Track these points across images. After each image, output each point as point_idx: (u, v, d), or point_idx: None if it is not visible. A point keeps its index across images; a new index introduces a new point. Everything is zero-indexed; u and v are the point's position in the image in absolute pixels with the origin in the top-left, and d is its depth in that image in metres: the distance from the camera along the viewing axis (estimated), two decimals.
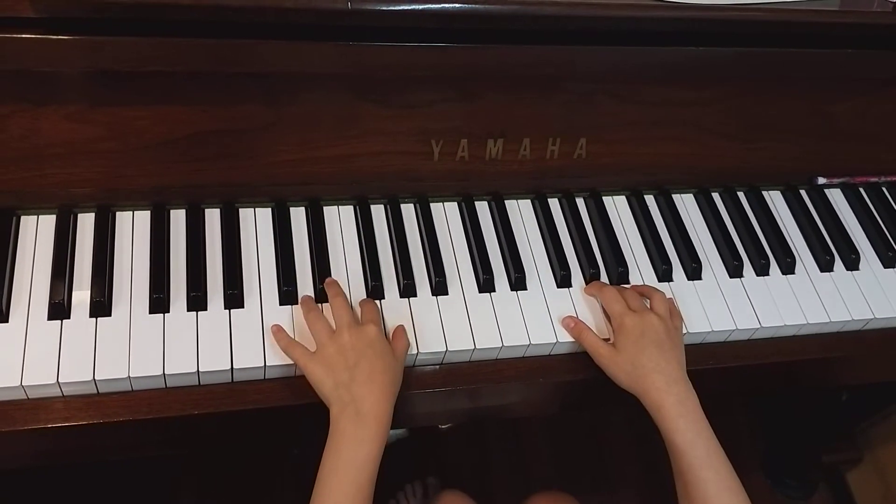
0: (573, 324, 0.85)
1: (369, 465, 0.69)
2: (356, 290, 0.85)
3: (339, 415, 0.71)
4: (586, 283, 0.90)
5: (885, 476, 1.56)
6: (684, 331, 0.87)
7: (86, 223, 0.84)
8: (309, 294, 0.83)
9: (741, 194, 1.03)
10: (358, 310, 0.81)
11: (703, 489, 0.72)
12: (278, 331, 0.78)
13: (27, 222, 0.83)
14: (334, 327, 0.77)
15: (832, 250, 0.98)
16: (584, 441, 1.67)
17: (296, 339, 0.78)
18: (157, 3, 0.69)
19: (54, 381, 0.72)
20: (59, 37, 0.70)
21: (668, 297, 0.87)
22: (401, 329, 0.81)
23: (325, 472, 0.69)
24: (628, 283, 0.91)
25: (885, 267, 0.99)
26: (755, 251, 0.96)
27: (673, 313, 0.85)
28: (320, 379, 0.73)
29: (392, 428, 0.74)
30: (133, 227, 0.85)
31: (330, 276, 0.84)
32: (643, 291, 0.87)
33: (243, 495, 1.48)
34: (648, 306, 0.84)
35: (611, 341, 0.83)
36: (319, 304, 0.82)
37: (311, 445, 0.73)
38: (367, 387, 0.72)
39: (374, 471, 0.70)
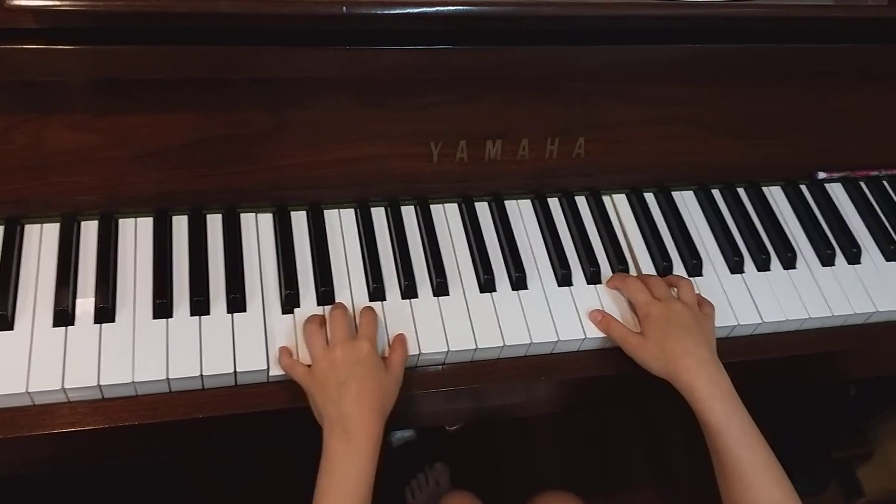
0: (601, 317, 0.85)
1: (362, 482, 0.69)
2: (358, 292, 0.85)
3: (328, 433, 0.71)
4: (587, 281, 0.90)
5: (895, 470, 1.55)
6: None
7: (89, 230, 0.85)
8: (311, 298, 0.84)
9: (741, 190, 1.03)
10: (358, 319, 0.81)
11: (740, 468, 0.72)
12: (283, 351, 0.78)
13: (31, 230, 0.84)
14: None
15: (833, 244, 0.98)
16: (593, 441, 1.66)
17: (298, 343, 0.79)
18: (156, 13, 0.69)
19: (59, 386, 0.73)
20: (62, 47, 0.71)
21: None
22: (399, 340, 0.80)
23: (319, 493, 0.70)
24: None
25: (886, 260, 0.99)
26: (756, 247, 0.96)
27: (702, 302, 0.85)
28: (313, 396, 0.74)
29: (398, 429, 0.74)
30: (136, 234, 0.85)
31: (331, 278, 0.85)
32: (671, 282, 0.87)
33: (252, 498, 1.48)
34: (676, 296, 0.84)
35: (638, 332, 0.83)
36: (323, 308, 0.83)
37: (318, 448, 0.74)
38: (355, 404, 0.72)
39: (368, 489, 0.70)
